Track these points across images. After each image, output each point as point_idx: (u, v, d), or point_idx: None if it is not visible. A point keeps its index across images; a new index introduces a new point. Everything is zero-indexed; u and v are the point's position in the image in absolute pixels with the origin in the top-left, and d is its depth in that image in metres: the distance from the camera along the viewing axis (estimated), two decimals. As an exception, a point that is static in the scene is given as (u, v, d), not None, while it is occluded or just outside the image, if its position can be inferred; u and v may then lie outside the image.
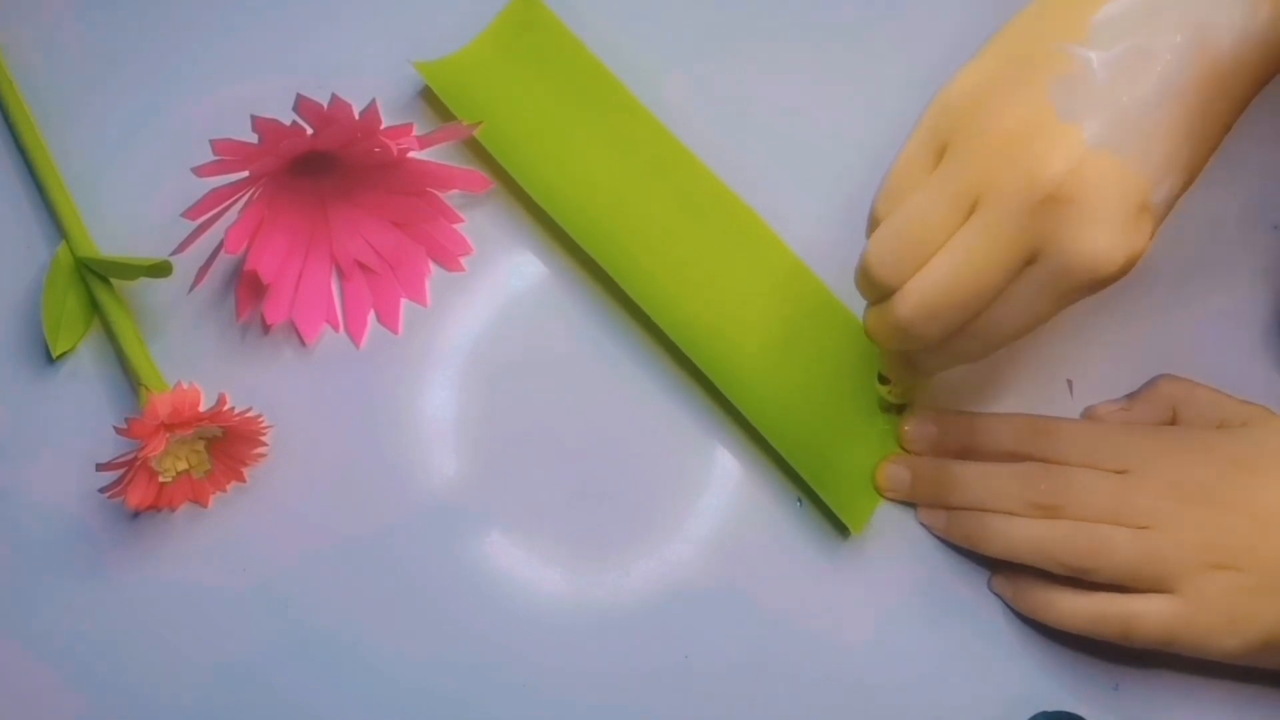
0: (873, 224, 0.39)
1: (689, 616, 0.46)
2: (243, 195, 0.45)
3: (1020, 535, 0.43)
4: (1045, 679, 0.44)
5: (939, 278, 0.36)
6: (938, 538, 0.46)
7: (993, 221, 0.35)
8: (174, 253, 0.45)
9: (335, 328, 0.49)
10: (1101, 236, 0.34)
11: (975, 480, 0.44)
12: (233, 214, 0.45)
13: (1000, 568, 0.45)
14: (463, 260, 0.49)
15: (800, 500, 0.47)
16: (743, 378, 0.47)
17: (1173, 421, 0.45)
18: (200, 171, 0.43)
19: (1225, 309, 0.48)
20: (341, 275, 0.49)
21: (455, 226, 0.49)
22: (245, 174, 0.44)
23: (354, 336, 0.49)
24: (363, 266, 0.49)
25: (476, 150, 0.50)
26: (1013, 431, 0.45)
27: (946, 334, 0.38)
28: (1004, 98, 0.36)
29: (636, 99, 0.50)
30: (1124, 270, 0.36)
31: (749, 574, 0.46)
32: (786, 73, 0.51)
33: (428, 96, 0.51)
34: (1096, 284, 0.36)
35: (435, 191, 0.48)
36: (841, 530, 0.46)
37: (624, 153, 0.50)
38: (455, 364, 0.49)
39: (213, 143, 0.42)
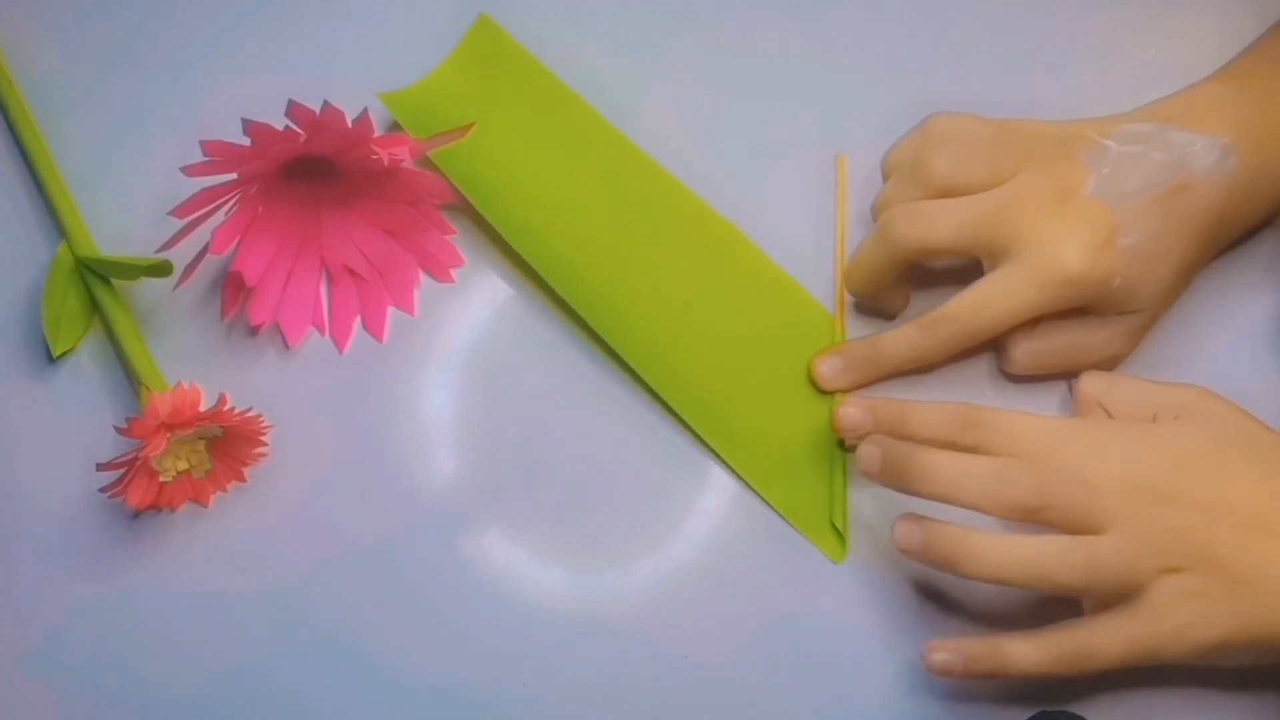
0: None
1: (689, 616, 0.46)
2: (232, 196, 0.45)
3: (998, 551, 0.41)
4: (1045, 679, 0.44)
5: (949, 205, 0.45)
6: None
7: (1016, 189, 0.45)
8: (159, 250, 0.45)
9: (321, 331, 0.49)
10: (1074, 245, 0.43)
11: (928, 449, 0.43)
12: (225, 214, 0.45)
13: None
14: (453, 271, 0.49)
15: (800, 500, 0.47)
16: (706, 406, 0.47)
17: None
18: (189, 171, 0.43)
19: (1226, 309, 0.48)
20: (330, 280, 0.49)
21: (447, 238, 0.49)
22: (235, 175, 0.44)
23: (338, 341, 0.49)
24: (352, 272, 0.49)
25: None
26: (944, 420, 0.44)
27: (934, 258, 0.46)
28: (1041, 137, 0.46)
29: (603, 117, 0.50)
30: (1082, 281, 0.43)
31: (748, 574, 0.46)
32: (755, 87, 0.51)
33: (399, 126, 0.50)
34: (1057, 283, 0.44)
35: (429, 202, 0.48)
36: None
37: (592, 171, 0.49)
38: (456, 367, 0.49)
39: (202, 143, 0.42)
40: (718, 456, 0.47)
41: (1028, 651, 0.41)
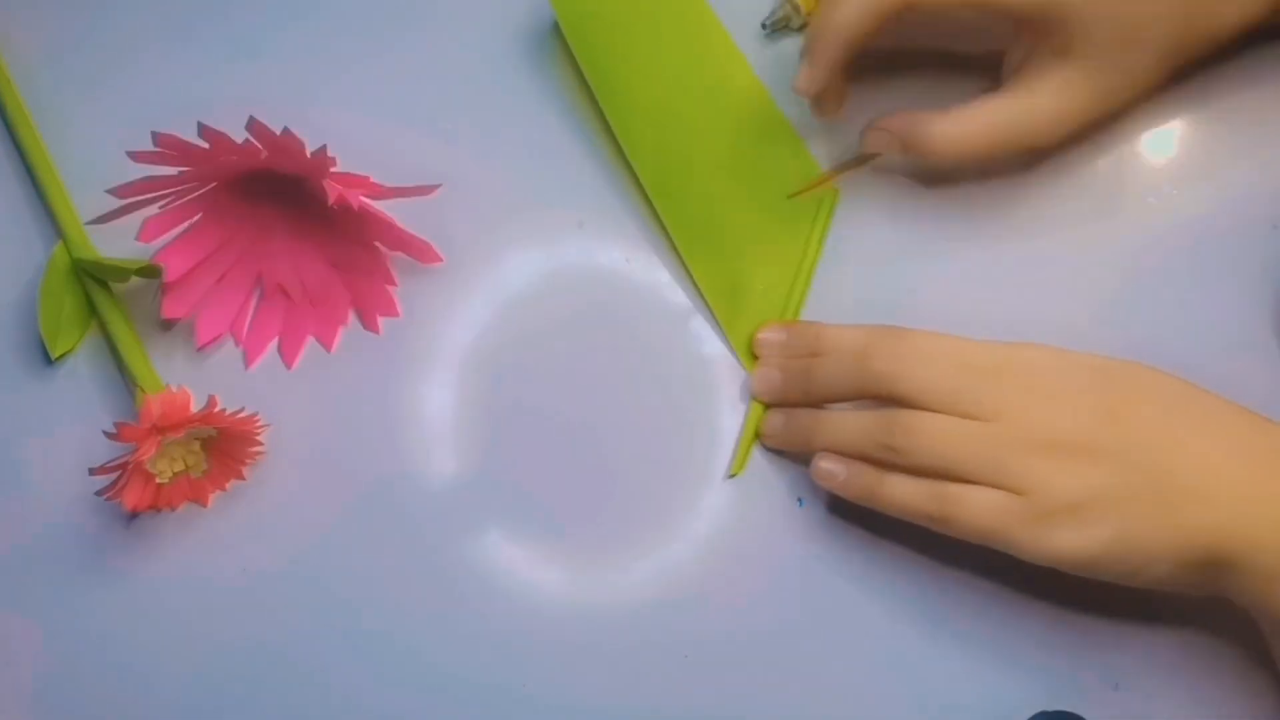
0: None
1: (689, 616, 0.46)
2: (174, 190, 0.45)
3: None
4: (1045, 679, 0.44)
5: None
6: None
7: None
8: (89, 223, 0.46)
9: (237, 339, 0.49)
10: None
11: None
12: (159, 207, 0.45)
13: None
14: (380, 321, 0.49)
15: (800, 501, 0.47)
16: (695, 231, 0.49)
17: None
18: (136, 157, 0.43)
19: (1226, 309, 0.48)
20: (262, 295, 0.49)
21: (389, 288, 0.48)
22: (180, 170, 0.44)
23: (249, 355, 0.48)
24: (283, 292, 0.49)
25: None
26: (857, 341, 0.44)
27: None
28: None
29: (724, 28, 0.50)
30: None
31: (749, 574, 0.46)
32: None
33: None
34: None
35: (383, 248, 0.48)
36: (843, 527, 0.46)
37: (695, 65, 0.50)
38: (454, 366, 0.49)
39: (153, 134, 0.42)
40: (690, 278, 0.48)
41: (904, 488, 0.42)
